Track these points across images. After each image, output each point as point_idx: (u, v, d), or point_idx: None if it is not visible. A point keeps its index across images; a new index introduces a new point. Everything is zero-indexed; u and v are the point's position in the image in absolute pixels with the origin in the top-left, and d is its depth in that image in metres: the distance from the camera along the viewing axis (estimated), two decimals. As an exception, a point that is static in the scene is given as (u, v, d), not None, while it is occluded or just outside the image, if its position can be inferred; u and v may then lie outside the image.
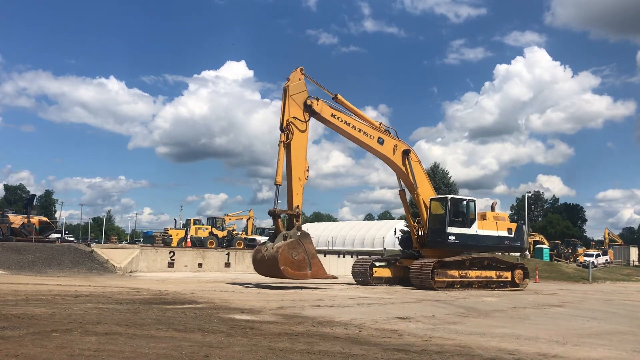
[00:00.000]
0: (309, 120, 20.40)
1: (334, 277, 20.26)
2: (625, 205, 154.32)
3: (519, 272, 23.44)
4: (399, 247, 27.67)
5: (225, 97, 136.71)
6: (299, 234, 18.75)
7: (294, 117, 19.82)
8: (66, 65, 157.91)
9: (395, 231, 27.80)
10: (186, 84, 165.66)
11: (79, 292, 14.09)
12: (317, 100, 20.65)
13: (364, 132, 21.88)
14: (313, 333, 8.47)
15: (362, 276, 22.75)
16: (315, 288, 19.21)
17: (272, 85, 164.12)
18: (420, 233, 23.41)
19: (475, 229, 22.58)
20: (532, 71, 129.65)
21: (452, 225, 22.05)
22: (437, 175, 47.01)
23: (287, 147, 19.43)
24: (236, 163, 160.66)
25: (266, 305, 12.56)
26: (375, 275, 22.96)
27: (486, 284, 22.47)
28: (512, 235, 23.89)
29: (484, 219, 23.33)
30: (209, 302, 12.95)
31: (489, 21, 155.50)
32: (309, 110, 20.31)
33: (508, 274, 23.13)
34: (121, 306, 11.23)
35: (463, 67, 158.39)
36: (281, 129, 19.59)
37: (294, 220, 19.18)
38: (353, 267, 23.77)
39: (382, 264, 24.01)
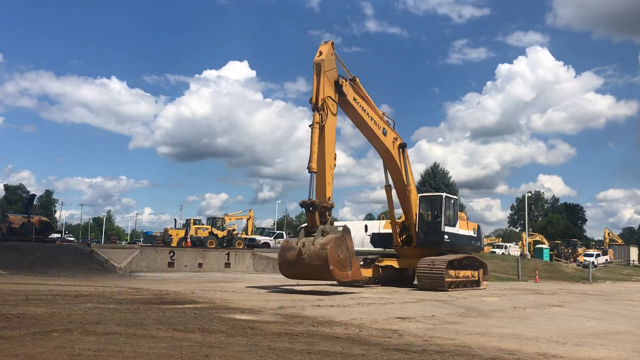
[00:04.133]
0: (338, 101, 18.72)
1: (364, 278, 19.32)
2: (626, 205, 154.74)
3: (481, 272, 23.36)
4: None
5: (227, 97, 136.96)
6: (340, 229, 17.06)
7: (328, 97, 18.06)
8: (68, 65, 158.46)
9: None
10: (188, 84, 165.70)
11: (79, 292, 14.09)
12: (346, 80, 19.13)
13: (375, 121, 20.67)
14: (313, 333, 8.47)
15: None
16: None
17: (275, 85, 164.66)
18: (403, 232, 22.85)
19: (457, 228, 22.65)
20: (535, 71, 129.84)
21: (447, 224, 22.02)
22: (437, 175, 47.07)
23: (321, 129, 17.59)
24: (237, 163, 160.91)
25: (266, 305, 12.56)
26: None
27: (466, 284, 22.27)
28: (476, 236, 24.22)
29: (461, 219, 23.41)
30: (209, 302, 12.95)
31: (492, 21, 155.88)
32: (338, 91, 18.70)
33: (476, 274, 23.08)
34: (121, 306, 11.22)
35: (465, 67, 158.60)
36: (315, 108, 17.64)
37: (327, 214, 17.29)
38: None
39: (361, 263, 22.17)
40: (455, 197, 23.59)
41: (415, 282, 21.76)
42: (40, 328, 7.81)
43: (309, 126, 17.62)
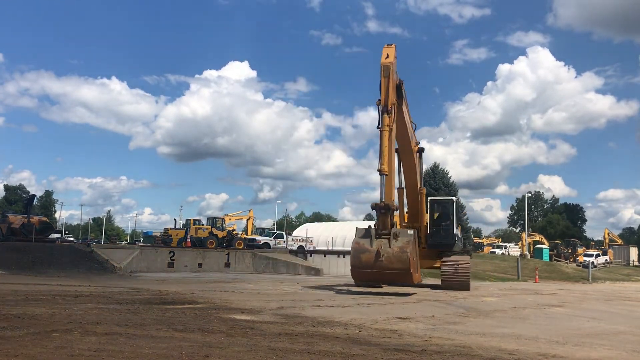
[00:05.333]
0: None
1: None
2: (626, 205, 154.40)
3: None
4: None
5: (228, 97, 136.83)
6: (410, 232, 16.90)
7: (395, 99, 18.26)
8: (68, 65, 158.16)
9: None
10: (188, 84, 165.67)
11: (79, 292, 14.09)
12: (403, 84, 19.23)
13: (409, 126, 20.85)
14: (313, 333, 8.46)
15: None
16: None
17: (275, 86, 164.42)
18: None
19: (455, 230, 22.91)
20: (536, 71, 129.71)
21: (455, 227, 22.30)
22: (437, 175, 47.04)
23: (391, 132, 17.71)
24: (237, 163, 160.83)
25: (266, 305, 12.56)
26: None
27: None
28: (461, 237, 24.73)
29: None
30: (209, 302, 12.95)
31: (493, 21, 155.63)
32: (399, 94, 18.95)
33: None
34: (121, 306, 11.22)
35: (466, 68, 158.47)
36: (385, 111, 17.89)
37: (391, 217, 17.19)
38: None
39: None
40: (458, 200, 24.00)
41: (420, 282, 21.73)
42: (40, 328, 7.81)
43: (377, 128, 17.81)
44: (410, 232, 16.66)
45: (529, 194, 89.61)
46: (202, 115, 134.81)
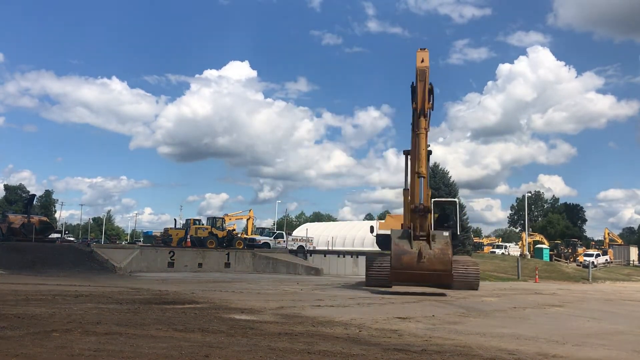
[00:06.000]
0: None
1: None
2: (626, 205, 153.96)
3: None
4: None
5: (228, 97, 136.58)
6: (445, 234, 17.22)
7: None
8: (69, 65, 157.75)
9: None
10: (189, 84, 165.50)
11: (79, 292, 14.09)
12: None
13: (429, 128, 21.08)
14: (313, 333, 8.46)
15: (385, 279, 20.75)
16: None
17: (276, 86, 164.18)
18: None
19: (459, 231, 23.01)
20: (536, 71, 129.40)
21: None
22: (437, 175, 47.00)
23: (426, 135, 17.95)
24: (237, 163, 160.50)
25: (266, 305, 12.56)
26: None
27: None
28: None
29: None
30: (209, 302, 12.95)
31: (493, 21, 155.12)
32: (431, 98, 19.16)
33: None
34: (121, 306, 11.23)
35: (466, 67, 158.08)
36: (423, 114, 18.21)
37: (427, 218, 17.44)
38: (369, 267, 21.29)
39: None
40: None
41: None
42: (40, 328, 7.81)
43: (414, 132, 18.08)
44: (446, 233, 17.00)
45: (529, 194, 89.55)
46: (203, 115, 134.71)
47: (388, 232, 24.55)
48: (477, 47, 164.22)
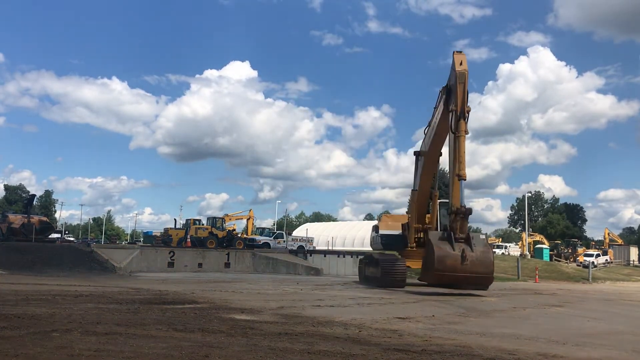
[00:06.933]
0: None
1: None
2: (626, 205, 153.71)
3: None
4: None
5: (229, 97, 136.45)
6: (482, 236, 17.42)
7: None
8: (69, 65, 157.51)
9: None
10: (189, 84, 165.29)
11: (79, 292, 14.09)
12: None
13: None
14: (313, 333, 8.46)
15: (402, 279, 20.98)
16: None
17: (276, 86, 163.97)
18: (422, 236, 22.92)
19: None
20: (536, 71, 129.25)
21: None
22: (436, 176, 46.96)
23: (465, 137, 18.00)
24: (238, 163, 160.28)
25: (266, 305, 12.56)
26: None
27: None
28: None
29: None
30: (209, 302, 12.95)
31: (494, 21, 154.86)
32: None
33: None
34: (121, 306, 11.23)
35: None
36: (463, 117, 18.15)
37: (467, 220, 17.57)
38: (386, 268, 21.32)
39: None
40: None
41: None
42: (40, 328, 7.81)
43: (453, 134, 18.13)
44: (483, 236, 17.22)
45: (529, 194, 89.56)
46: (203, 115, 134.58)
47: (393, 232, 24.58)
48: (477, 47, 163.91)
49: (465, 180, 17.62)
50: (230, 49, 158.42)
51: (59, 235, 48.95)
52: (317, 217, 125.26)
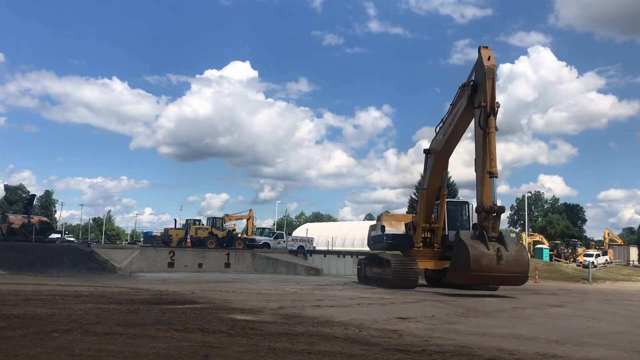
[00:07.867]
0: None
1: None
2: (626, 205, 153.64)
3: None
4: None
5: (229, 97, 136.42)
6: (513, 235, 17.39)
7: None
8: (69, 65, 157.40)
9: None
10: (189, 84, 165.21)
11: (79, 292, 14.09)
12: None
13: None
14: (313, 333, 8.47)
15: (414, 280, 21.25)
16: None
17: (277, 86, 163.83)
18: (429, 235, 22.97)
19: None
20: (537, 71, 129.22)
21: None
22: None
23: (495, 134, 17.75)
24: (238, 163, 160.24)
25: (266, 305, 12.56)
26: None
27: None
28: None
29: None
30: (209, 302, 12.96)
31: (494, 21, 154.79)
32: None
33: None
34: (121, 306, 11.23)
35: (467, 68, 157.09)
36: (493, 113, 17.97)
37: (500, 219, 17.38)
38: (397, 269, 21.30)
39: None
40: None
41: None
42: (40, 328, 7.81)
43: (483, 131, 17.97)
44: (513, 235, 16.98)
45: (529, 194, 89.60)
46: (203, 115, 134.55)
47: (398, 231, 24.41)
48: (478, 47, 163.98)
49: (497, 177, 17.37)
50: (231, 49, 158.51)
51: (59, 236, 48.91)
52: (317, 217, 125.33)
